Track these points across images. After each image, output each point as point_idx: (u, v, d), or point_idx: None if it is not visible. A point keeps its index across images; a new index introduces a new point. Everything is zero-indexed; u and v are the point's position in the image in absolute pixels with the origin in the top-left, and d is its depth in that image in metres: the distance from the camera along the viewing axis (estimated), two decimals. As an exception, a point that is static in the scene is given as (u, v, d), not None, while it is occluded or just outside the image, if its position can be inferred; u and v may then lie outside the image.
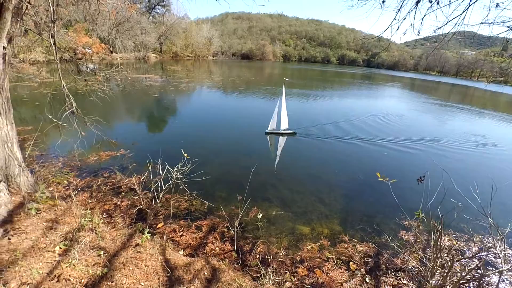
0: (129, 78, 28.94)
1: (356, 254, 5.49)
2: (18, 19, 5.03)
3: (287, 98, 14.37)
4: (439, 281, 3.53)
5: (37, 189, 5.72)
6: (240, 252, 5.21)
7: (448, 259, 3.56)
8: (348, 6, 5.96)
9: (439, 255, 3.58)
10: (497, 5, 4.62)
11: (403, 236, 6.26)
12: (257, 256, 5.15)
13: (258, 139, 12.59)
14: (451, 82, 77.28)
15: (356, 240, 5.95)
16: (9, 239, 4.17)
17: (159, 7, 77.44)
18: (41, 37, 8.34)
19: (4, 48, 4.87)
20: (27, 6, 5.41)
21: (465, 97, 43.65)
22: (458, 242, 6.16)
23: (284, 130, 13.17)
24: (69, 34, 24.72)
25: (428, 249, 5.62)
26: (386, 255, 5.48)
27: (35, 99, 16.57)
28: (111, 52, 53.12)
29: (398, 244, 5.37)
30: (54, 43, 4.99)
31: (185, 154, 5.10)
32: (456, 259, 3.57)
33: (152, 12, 77.97)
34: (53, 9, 4.60)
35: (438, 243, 3.59)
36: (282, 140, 12.56)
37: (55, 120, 5.04)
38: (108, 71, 10.00)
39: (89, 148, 9.03)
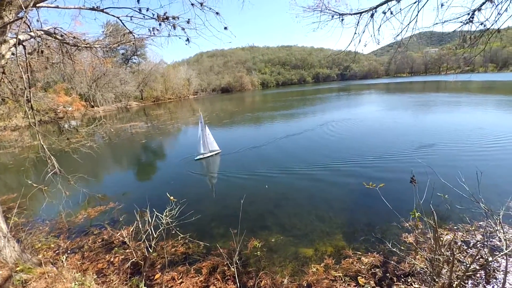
0: (112, 129, 29.02)
1: (363, 267, 5.34)
2: (-8, 92, 5.12)
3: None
4: (446, 279, 3.45)
5: (25, 258, 5.43)
6: (244, 288, 4.98)
7: (449, 254, 3.52)
8: (312, 28, 6.52)
9: (440, 251, 3.55)
10: (442, 4, 5.16)
11: (405, 239, 6.16)
12: (262, 289, 4.93)
13: (251, 167, 12.54)
14: (422, 80, 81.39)
15: (360, 253, 5.81)
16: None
17: (135, 57, 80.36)
18: (19, 104, 8.45)
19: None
20: (1, 76, 5.54)
21: (438, 89, 45.77)
22: (461, 234, 6.10)
23: (211, 151, 14.58)
24: (48, 95, 25.13)
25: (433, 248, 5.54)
26: (393, 262, 5.36)
27: (20, 165, 16.24)
28: (92, 106, 53.71)
29: (402, 248, 5.27)
30: (31, 108, 5.05)
31: (171, 197, 5.03)
32: (457, 252, 3.54)
33: (128, 63, 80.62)
34: (27, 75, 4.71)
35: (437, 240, 3.57)
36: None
37: (35, 185, 4.95)
38: (90, 126, 10.07)
39: (77, 207, 8.78)
